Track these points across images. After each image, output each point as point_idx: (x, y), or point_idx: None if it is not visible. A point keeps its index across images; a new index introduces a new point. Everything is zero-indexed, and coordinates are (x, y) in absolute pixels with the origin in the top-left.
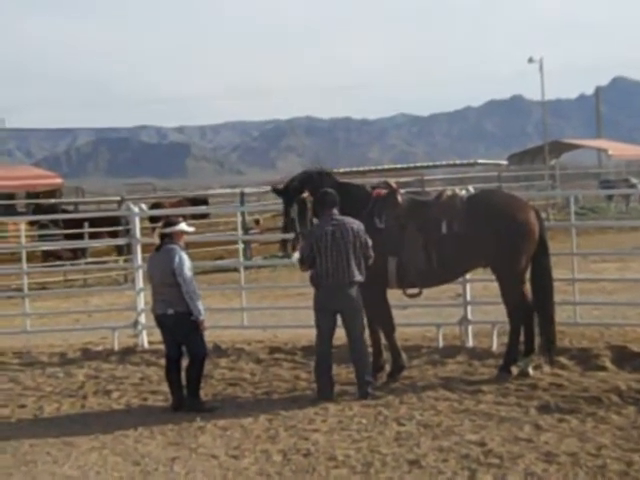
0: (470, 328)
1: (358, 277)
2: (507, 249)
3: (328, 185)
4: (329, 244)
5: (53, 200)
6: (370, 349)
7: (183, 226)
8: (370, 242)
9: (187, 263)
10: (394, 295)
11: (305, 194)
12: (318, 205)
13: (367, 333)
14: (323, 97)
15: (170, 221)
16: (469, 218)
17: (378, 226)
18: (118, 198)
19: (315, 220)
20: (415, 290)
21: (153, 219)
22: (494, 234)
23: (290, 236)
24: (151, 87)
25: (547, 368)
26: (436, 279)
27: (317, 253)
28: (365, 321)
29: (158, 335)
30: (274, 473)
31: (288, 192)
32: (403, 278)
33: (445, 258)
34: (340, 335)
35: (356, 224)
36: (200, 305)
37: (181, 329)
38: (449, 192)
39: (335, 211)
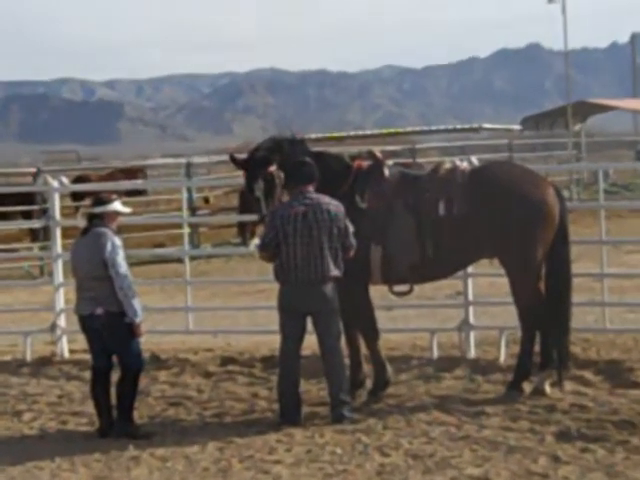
0: (472, 335)
1: (334, 271)
2: (519, 236)
3: (300, 156)
4: (299, 229)
5: None
6: (347, 361)
7: (117, 205)
8: (351, 228)
9: (121, 251)
10: (378, 293)
11: (273, 167)
12: (291, 179)
13: (344, 340)
14: (291, 44)
15: (101, 198)
16: (472, 197)
17: (359, 206)
18: (33, 169)
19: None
20: (404, 287)
21: (77, 196)
22: (503, 217)
23: (250, 218)
24: (74, 32)
25: (568, 385)
26: (431, 273)
27: (283, 239)
28: (342, 326)
29: (82, 342)
30: None
31: (252, 164)
32: (390, 271)
33: (442, 247)
34: (310, 343)
35: (334, 205)
36: (137, 304)
37: (112, 334)
38: (447, 165)
39: (311, 188)
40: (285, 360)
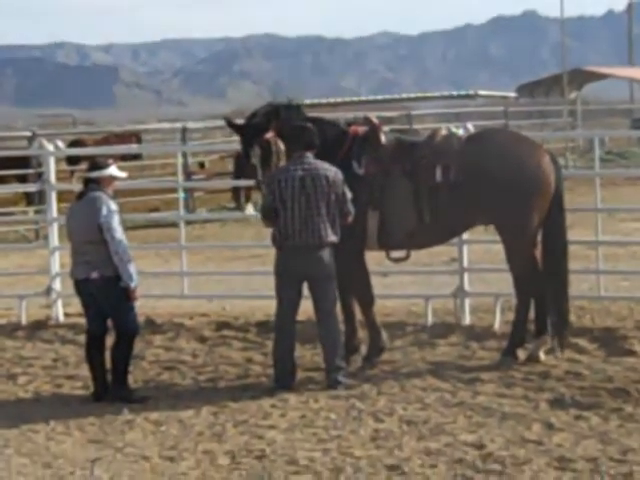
0: (467, 301)
1: (331, 237)
2: (515, 203)
3: (297, 121)
4: (296, 194)
5: None
6: (342, 326)
7: (113, 170)
8: (349, 195)
9: (117, 216)
10: (373, 259)
11: (270, 134)
12: (291, 143)
13: (339, 306)
14: (287, 9)
15: (97, 163)
16: (468, 164)
17: (356, 172)
18: (28, 133)
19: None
20: (401, 253)
21: (72, 160)
22: (499, 184)
23: (245, 183)
24: None
25: (562, 352)
26: (427, 239)
27: (280, 204)
28: (337, 292)
29: (77, 306)
30: (220, 479)
31: (249, 130)
32: (386, 237)
33: (439, 213)
34: (305, 308)
35: (332, 171)
36: (132, 268)
37: (107, 298)
38: (444, 131)
39: (309, 154)
40: (281, 325)
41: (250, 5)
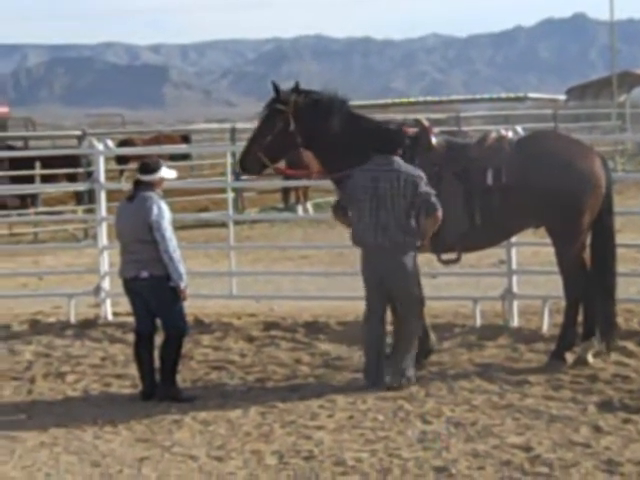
0: (515, 304)
1: (407, 239)
2: (566, 206)
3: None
4: (370, 194)
5: None
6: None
7: (164, 172)
8: (432, 191)
9: (167, 215)
10: (422, 260)
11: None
12: (378, 145)
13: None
14: (337, 11)
15: (149, 165)
16: (520, 167)
17: None
18: (78, 132)
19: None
20: (452, 255)
21: (121, 159)
22: (550, 187)
23: (295, 183)
24: None
25: (611, 356)
26: (479, 242)
27: (353, 205)
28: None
29: (126, 305)
30: (267, 479)
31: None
32: (438, 240)
33: (491, 215)
34: (354, 308)
35: (410, 171)
36: (181, 268)
37: (156, 297)
38: (494, 134)
39: (391, 156)
40: (368, 328)
41: (299, 6)
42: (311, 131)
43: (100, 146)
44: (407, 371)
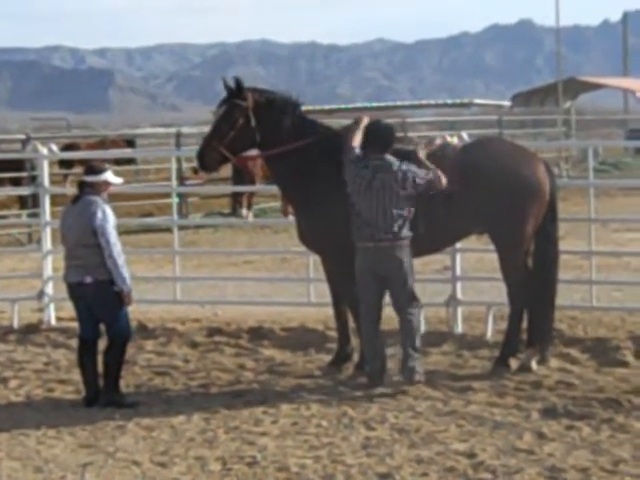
0: (459, 310)
1: (401, 233)
2: (510, 212)
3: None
4: (364, 189)
5: None
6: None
7: (109, 176)
8: (421, 172)
9: (112, 220)
10: None
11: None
12: (371, 142)
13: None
14: (282, 16)
15: (93, 167)
16: (463, 173)
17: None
18: (22, 136)
19: None
20: None
21: (66, 164)
22: (494, 193)
23: (243, 189)
24: None
25: (555, 363)
26: (422, 248)
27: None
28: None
29: (70, 309)
30: None
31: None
32: None
33: (434, 222)
34: (306, 313)
35: (402, 166)
36: (126, 273)
37: (100, 302)
38: (439, 140)
39: (385, 154)
40: (366, 326)
41: (245, 11)
42: (267, 129)
43: (44, 150)
44: (417, 368)
